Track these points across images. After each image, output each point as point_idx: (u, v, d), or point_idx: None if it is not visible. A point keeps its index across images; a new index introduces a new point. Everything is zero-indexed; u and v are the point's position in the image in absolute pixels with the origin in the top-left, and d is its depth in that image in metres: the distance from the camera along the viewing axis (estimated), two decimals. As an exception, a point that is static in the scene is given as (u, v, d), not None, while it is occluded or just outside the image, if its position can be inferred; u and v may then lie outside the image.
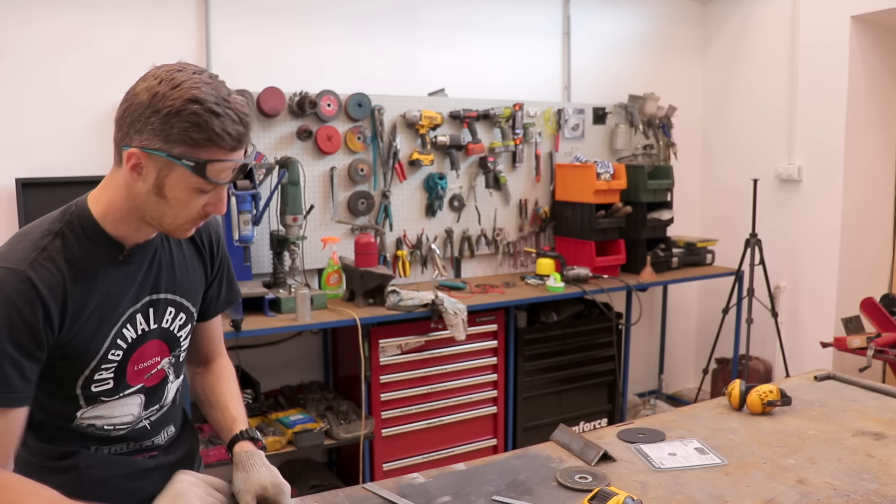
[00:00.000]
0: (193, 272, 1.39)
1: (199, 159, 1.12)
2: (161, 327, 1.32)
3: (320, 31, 3.64)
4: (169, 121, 1.10)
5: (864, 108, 4.13)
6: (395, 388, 3.35)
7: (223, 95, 1.13)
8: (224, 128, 1.11)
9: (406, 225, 3.86)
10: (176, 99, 1.10)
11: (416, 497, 1.44)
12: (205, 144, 1.11)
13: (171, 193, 1.16)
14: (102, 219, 1.22)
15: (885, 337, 3.67)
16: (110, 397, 1.27)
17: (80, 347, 1.19)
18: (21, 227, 1.25)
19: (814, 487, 1.45)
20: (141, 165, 1.15)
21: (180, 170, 1.13)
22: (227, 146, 1.13)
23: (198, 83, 1.12)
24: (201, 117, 1.10)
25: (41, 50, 3.07)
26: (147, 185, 1.16)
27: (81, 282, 1.18)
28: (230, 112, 1.12)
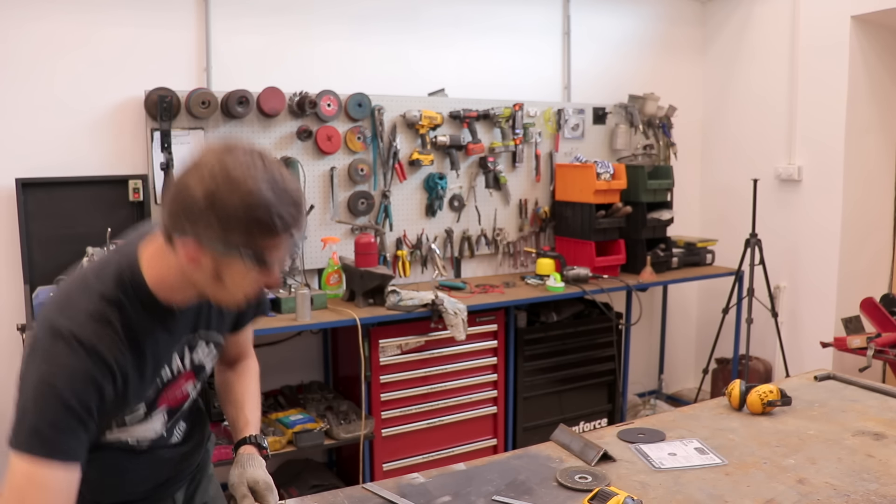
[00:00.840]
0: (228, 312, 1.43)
1: (259, 251, 1.12)
2: (193, 364, 1.39)
3: (320, 31, 3.64)
4: (229, 222, 1.09)
5: (864, 108, 4.13)
6: (395, 388, 3.35)
7: (277, 183, 1.12)
8: (283, 221, 1.11)
9: (406, 225, 3.86)
10: (236, 202, 1.08)
11: (416, 497, 1.44)
12: (263, 234, 1.11)
13: (229, 280, 1.17)
14: (156, 289, 1.23)
15: (885, 337, 3.67)
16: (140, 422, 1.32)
17: (126, 400, 1.24)
18: (62, 287, 1.26)
19: (814, 487, 1.45)
20: (197, 259, 1.14)
21: (239, 261, 1.13)
22: (285, 232, 1.13)
23: (253, 176, 1.09)
24: (262, 219, 1.10)
25: (41, 50, 3.07)
26: (205, 273, 1.16)
27: (138, 348, 1.21)
28: (285, 199, 1.12)
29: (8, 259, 3.07)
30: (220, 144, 1.15)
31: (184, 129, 3.26)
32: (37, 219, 3.05)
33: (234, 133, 3.38)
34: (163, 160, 3.14)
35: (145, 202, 3.21)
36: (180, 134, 3.25)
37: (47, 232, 3.06)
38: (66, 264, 2.99)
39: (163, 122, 3.12)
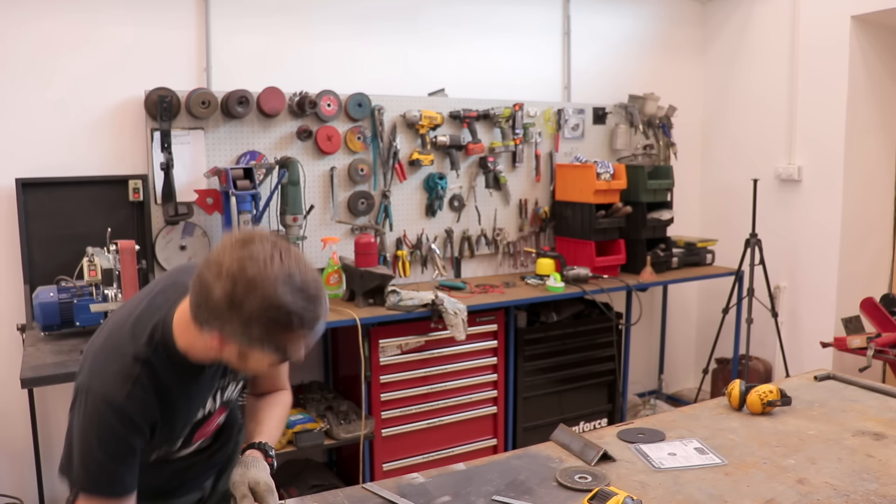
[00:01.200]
0: None
1: (280, 346, 1.19)
2: (223, 400, 1.50)
3: (320, 31, 3.64)
4: (250, 323, 1.15)
5: (864, 108, 4.13)
6: (395, 388, 3.35)
7: (295, 281, 1.16)
8: (301, 320, 1.17)
9: (406, 225, 3.86)
10: (254, 306, 1.14)
11: (416, 497, 1.44)
12: (284, 335, 1.18)
13: (254, 364, 1.25)
14: (186, 351, 1.31)
15: (885, 337, 3.67)
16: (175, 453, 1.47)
17: (160, 444, 1.38)
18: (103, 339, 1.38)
19: (814, 487, 1.45)
20: (223, 346, 1.22)
21: (261, 352, 1.21)
22: (306, 329, 1.20)
23: (270, 277, 1.14)
24: (280, 320, 1.16)
25: (41, 50, 3.07)
26: (230, 356, 1.24)
27: (168, 401, 1.31)
28: (303, 297, 1.17)
29: (8, 259, 3.07)
30: (238, 238, 1.19)
31: (184, 129, 3.26)
32: (37, 219, 3.05)
33: (234, 133, 3.39)
34: (163, 160, 3.15)
35: (145, 202, 3.21)
36: (180, 134, 3.25)
37: (47, 232, 3.06)
38: (66, 264, 3.00)
39: (163, 121, 3.12)
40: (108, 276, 2.63)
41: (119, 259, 2.63)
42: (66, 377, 2.39)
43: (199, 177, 3.30)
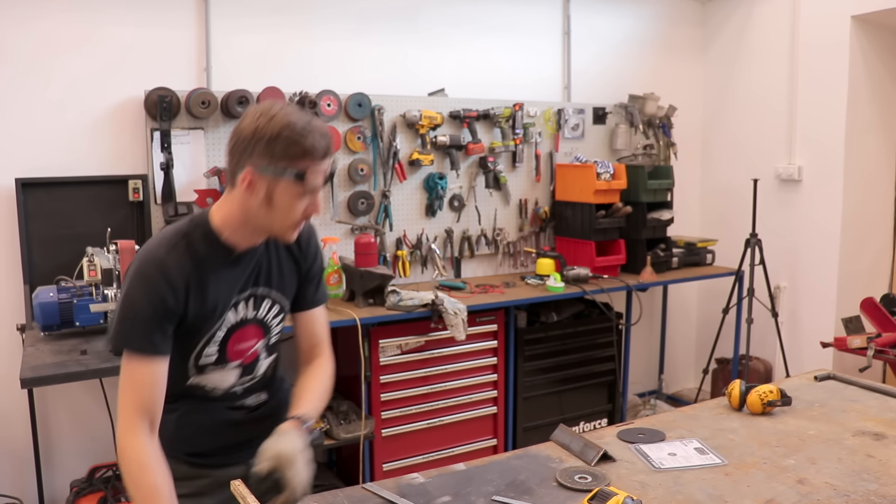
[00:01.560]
0: (288, 274, 1.64)
1: (298, 169, 1.41)
2: (257, 317, 1.60)
3: (320, 31, 3.64)
4: (271, 144, 1.39)
5: (864, 108, 4.13)
6: (395, 388, 3.35)
7: (308, 119, 1.43)
8: (314, 142, 1.41)
9: (406, 225, 3.86)
10: (274, 127, 1.39)
11: (416, 497, 1.44)
12: (301, 156, 1.40)
13: (278, 202, 1.43)
14: (219, 229, 1.50)
15: (886, 337, 3.67)
16: (214, 369, 1.57)
17: (195, 327, 1.49)
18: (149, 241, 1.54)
19: (814, 487, 1.45)
20: (254, 183, 1.42)
21: (285, 181, 1.41)
22: (318, 156, 1.42)
23: (287, 113, 1.41)
24: (295, 137, 1.39)
25: (40, 49, 3.07)
26: (258, 198, 1.44)
27: (200, 273, 1.47)
28: (315, 130, 1.42)
29: (8, 259, 3.07)
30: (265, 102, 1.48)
31: (184, 129, 3.26)
32: (37, 219, 3.05)
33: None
34: (163, 160, 3.14)
35: (145, 202, 3.21)
36: (180, 134, 3.24)
37: (47, 232, 3.06)
38: (66, 264, 2.99)
39: (163, 121, 3.12)
40: (107, 276, 2.63)
41: (119, 259, 2.63)
42: (66, 377, 2.39)
43: (199, 177, 3.30)
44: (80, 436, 3.26)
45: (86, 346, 2.59)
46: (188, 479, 1.59)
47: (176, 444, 1.57)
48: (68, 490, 3.03)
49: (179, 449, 1.59)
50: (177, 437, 1.58)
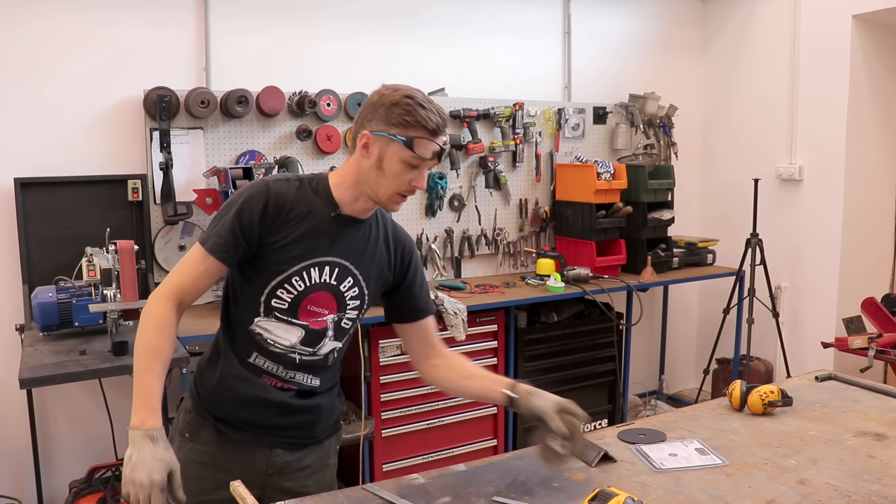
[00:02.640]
0: (378, 265, 1.68)
1: (409, 136, 1.49)
2: (337, 287, 1.61)
3: (320, 31, 3.64)
4: (390, 110, 1.50)
5: (865, 108, 4.12)
6: (395, 388, 3.34)
7: (430, 101, 1.53)
8: (428, 116, 1.49)
9: (406, 225, 3.86)
10: (395, 95, 1.51)
11: (416, 498, 1.43)
12: (413, 126, 1.49)
13: (387, 166, 1.51)
14: (333, 185, 1.59)
15: (887, 337, 3.66)
16: (281, 317, 1.58)
17: (274, 259, 1.55)
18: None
19: (815, 488, 1.45)
20: (369, 144, 1.53)
21: (396, 145, 1.50)
22: (430, 128, 1.50)
23: (411, 88, 1.53)
24: (412, 107, 1.49)
25: (39, 49, 3.07)
26: (371, 160, 1.53)
27: (298, 213, 1.55)
28: (432, 107, 1.51)
29: (7, 259, 3.06)
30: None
31: (183, 129, 3.25)
32: (36, 219, 3.04)
33: (233, 133, 3.38)
34: (162, 160, 3.14)
35: (144, 202, 3.20)
36: (179, 133, 3.24)
37: (46, 232, 3.05)
38: (65, 264, 2.99)
39: (162, 121, 3.12)
40: (107, 276, 2.62)
41: (118, 259, 2.62)
42: (65, 378, 2.38)
43: (199, 177, 3.29)
44: (79, 436, 3.25)
45: (85, 347, 2.58)
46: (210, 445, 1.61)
47: (209, 404, 1.62)
48: (67, 490, 3.02)
49: (210, 410, 1.62)
50: (212, 398, 1.61)
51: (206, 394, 1.63)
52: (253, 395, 1.60)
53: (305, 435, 1.69)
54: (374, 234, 1.66)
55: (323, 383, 1.68)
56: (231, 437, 1.62)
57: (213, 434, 1.62)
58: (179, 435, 1.65)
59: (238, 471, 1.51)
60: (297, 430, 1.67)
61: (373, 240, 1.66)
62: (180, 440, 1.64)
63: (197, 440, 1.62)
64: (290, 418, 1.65)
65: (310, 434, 1.69)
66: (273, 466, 1.65)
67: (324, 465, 1.75)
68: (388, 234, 1.69)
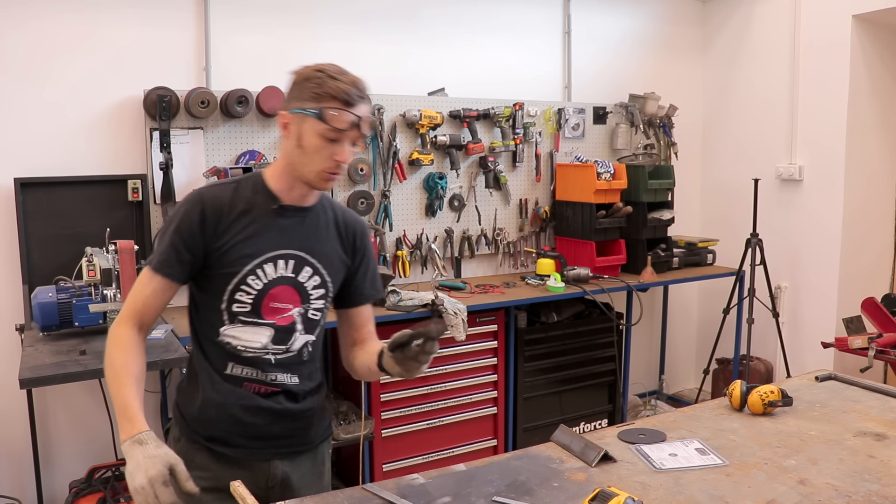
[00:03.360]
0: (333, 251, 1.66)
1: (321, 108, 1.47)
2: (295, 279, 1.60)
3: (320, 31, 3.64)
4: (302, 85, 1.50)
5: (865, 108, 4.12)
6: (395, 388, 3.34)
7: (342, 71, 1.52)
8: (338, 85, 1.48)
9: (406, 225, 3.86)
10: (306, 71, 1.51)
11: (416, 498, 1.43)
12: (325, 98, 1.47)
13: (306, 142, 1.49)
14: (268, 177, 1.59)
15: (887, 337, 3.67)
16: (247, 320, 1.56)
17: (226, 262, 1.53)
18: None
19: (815, 488, 1.45)
20: (287, 124, 1.52)
21: (311, 120, 1.48)
22: (340, 98, 1.48)
23: (325, 63, 1.52)
24: (321, 79, 1.48)
25: (39, 49, 3.06)
26: (292, 140, 1.51)
27: (238, 213, 1.54)
28: (345, 78, 1.50)
29: (6, 259, 3.06)
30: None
31: (183, 129, 3.25)
32: (36, 219, 3.04)
33: (233, 133, 3.38)
34: (162, 160, 3.14)
35: (144, 202, 3.20)
36: (179, 133, 3.24)
37: (46, 232, 3.05)
38: (65, 264, 2.99)
39: (162, 121, 3.12)
40: (107, 276, 2.62)
41: (118, 259, 2.62)
42: (65, 378, 2.38)
43: (199, 176, 3.29)
44: (79, 436, 3.25)
45: (85, 347, 2.58)
46: (207, 469, 1.57)
47: (197, 426, 1.59)
48: (67, 490, 3.02)
49: (200, 432, 1.59)
50: (199, 419, 1.58)
51: (193, 417, 1.60)
52: (240, 407, 1.58)
53: (299, 441, 1.67)
54: (324, 220, 1.65)
55: (302, 380, 1.65)
56: (227, 455, 1.59)
57: (208, 457, 1.58)
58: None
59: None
60: (291, 437, 1.65)
61: (323, 226, 1.64)
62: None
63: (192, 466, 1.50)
64: (283, 425, 1.63)
65: (304, 440, 1.68)
66: (273, 479, 1.63)
67: (320, 473, 1.74)
68: (338, 219, 1.68)
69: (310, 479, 1.69)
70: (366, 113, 1.53)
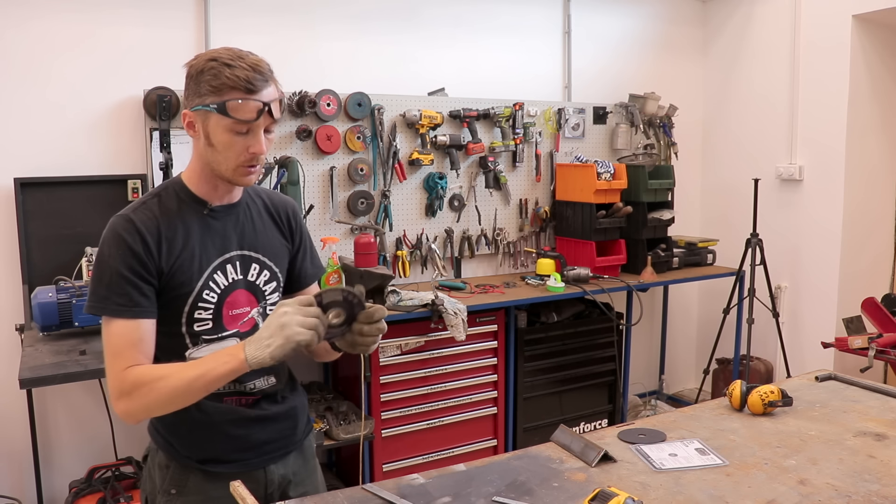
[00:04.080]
0: (273, 239, 1.61)
1: (222, 101, 1.37)
2: (247, 280, 1.54)
3: (320, 31, 3.64)
4: (198, 80, 1.39)
5: (865, 108, 4.12)
6: (395, 388, 3.34)
7: (239, 55, 1.40)
8: (234, 73, 1.37)
9: (406, 225, 3.86)
10: (199, 62, 1.40)
11: (416, 498, 1.43)
12: (224, 90, 1.37)
13: (216, 140, 1.41)
14: (188, 181, 1.51)
15: (887, 337, 3.66)
16: (210, 337, 1.50)
17: (177, 282, 1.44)
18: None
19: (815, 488, 1.44)
20: (193, 123, 1.43)
21: (214, 115, 1.39)
22: (241, 87, 1.37)
23: (218, 50, 1.41)
24: (216, 69, 1.37)
25: (39, 49, 3.07)
26: (201, 140, 1.43)
27: (173, 227, 1.45)
28: (242, 63, 1.39)
29: (6, 259, 3.06)
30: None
31: (183, 129, 3.24)
32: (35, 219, 3.04)
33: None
34: (162, 160, 3.13)
35: (144, 202, 3.20)
36: (179, 133, 3.23)
37: (46, 232, 3.05)
38: (65, 264, 2.99)
39: (162, 121, 3.12)
40: (106, 276, 2.61)
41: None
42: (65, 378, 2.38)
43: (199, 177, 3.28)
44: (79, 436, 3.25)
45: (85, 347, 2.59)
46: (201, 493, 1.53)
47: (189, 451, 1.53)
48: (67, 490, 3.02)
49: (192, 455, 1.53)
50: (190, 443, 1.53)
51: (181, 441, 1.53)
52: (227, 422, 1.54)
53: (289, 442, 1.66)
54: (256, 210, 1.59)
55: (279, 379, 1.62)
56: (222, 474, 1.52)
57: (202, 478, 1.53)
58: (164, 495, 1.53)
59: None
60: (281, 439, 1.63)
61: (256, 216, 1.59)
62: (166, 500, 1.53)
63: (186, 492, 1.51)
64: (271, 428, 1.60)
65: (292, 440, 1.66)
66: (271, 485, 1.61)
67: (313, 467, 1.73)
68: (266, 204, 1.62)
69: (303, 475, 1.69)
70: (272, 96, 1.42)
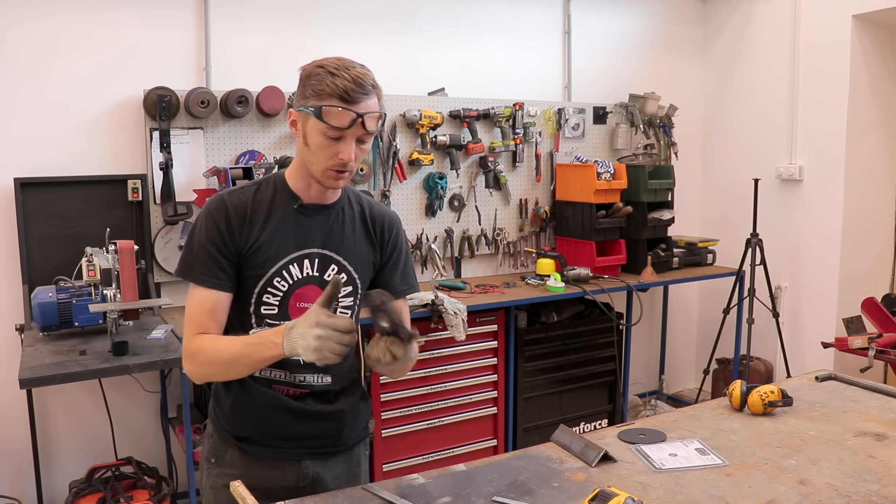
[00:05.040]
0: (360, 246, 1.65)
1: (319, 106, 1.45)
2: (322, 278, 1.59)
3: (320, 31, 3.64)
4: (305, 83, 1.48)
5: (865, 108, 4.12)
6: (395, 388, 3.34)
7: (345, 65, 1.49)
8: (335, 82, 1.44)
9: (406, 225, 3.82)
10: (309, 68, 1.49)
11: (416, 498, 1.43)
12: (324, 96, 1.45)
13: (311, 141, 1.48)
14: (288, 176, 1.59)
15: (887, 337, 3.66)
16: (274, 322, 1.56)
17: (252, 264, 1.53)
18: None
19: (815, 488, 1.44)
20: (296, 122, 1.51)
21: (312, 118, 1.46)
22: (339, 96, 1.44)
23: (329, 58, 1.50)
24: (321, 76, 1.45)
25: (39, 49, 3.06)
26: (301, 139, 1.51)
27: (261, 214, 1.54)
28: (346, 74, 1.46)
29: (6, 259, 3.06)
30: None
31: (183, 129, 3.25)
32: (35, 219, 3.04)
33: (233, 133, 3.38)
34: (162, 160, 3.14)
35: (144, 202, 3.20)
36: (179, 133, 3.24)
37: (46, 232, 3.05)
38: (65, 264, 2.99)
39: (162, 121, 3.12)
40: (106, 276, 2.62)
41: (118, 259, 2.62)
42: (65, 378, 2.38)
43: (199, 176, 3.29)
44: (79, 436, 3.25)
45: (85, 347, 2.59)
46: (237, 467, 1.58)
47: (228, 425, 1.60)
48: (67, 490, 3.02)
49: (231, 431, 1.60)
50: (230, 418, 1.59)
51: (225, 415, 1.61)
52: (268, 407, 1.58)
53: (332, 443, 1.65)
54: (350, 216, 1.63)
55: (335, 381, 1.65)
56: (257, 454, 1.59)
57: (238, 455, 1.59)
58: (206, 461, 1.64)
59: (270, 488, 1.51)
60: (323, 437, 1.63)
61: (349, 222, 1.62)
62: (207, 467, 1.63)
63: (223, 464, 1.59)
64: (313, 425, 1.61)
65: (336, 441, 1.66)
66: (304, 479, 1.61)
67: (355, 475, 1.71)
68: (364, 213, 1.66)
69: (344, 480, 1.66)
70: (370, 108, 1.48)
